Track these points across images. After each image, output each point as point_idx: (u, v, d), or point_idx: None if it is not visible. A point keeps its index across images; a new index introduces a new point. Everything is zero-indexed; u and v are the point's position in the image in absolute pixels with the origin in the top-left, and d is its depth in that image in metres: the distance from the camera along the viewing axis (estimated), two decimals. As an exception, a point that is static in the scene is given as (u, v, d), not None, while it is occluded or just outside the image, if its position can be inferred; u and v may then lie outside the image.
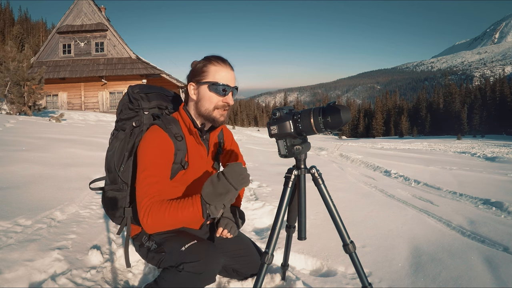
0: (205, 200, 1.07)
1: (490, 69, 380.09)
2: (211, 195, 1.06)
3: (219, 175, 1.07)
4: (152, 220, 1.10)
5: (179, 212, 1.08)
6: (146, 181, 1.16)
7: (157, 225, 1.11)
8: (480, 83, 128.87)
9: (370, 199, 3.40)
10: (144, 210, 1.11)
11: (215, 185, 1.06)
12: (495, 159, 9.43)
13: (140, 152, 1.22)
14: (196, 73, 1.28)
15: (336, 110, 1.02)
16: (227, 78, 1.27)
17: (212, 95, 1.26)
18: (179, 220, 1.09)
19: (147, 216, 1.10)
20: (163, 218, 1.09)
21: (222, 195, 1.06)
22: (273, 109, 1.15)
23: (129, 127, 1.36)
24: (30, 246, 1.74)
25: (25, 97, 11.29)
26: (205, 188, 1.07)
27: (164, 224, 1.10)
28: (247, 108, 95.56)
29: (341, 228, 1.20)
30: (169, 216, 1.09)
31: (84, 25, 19.43)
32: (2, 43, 30.03)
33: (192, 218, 1.09)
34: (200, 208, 1.07)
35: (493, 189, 4.11)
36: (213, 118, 1.28)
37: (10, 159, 3.90)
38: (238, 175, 1.06)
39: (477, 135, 51.19)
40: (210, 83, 1.25)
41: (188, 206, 1.08)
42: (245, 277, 1.57)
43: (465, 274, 1.71)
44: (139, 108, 1.36)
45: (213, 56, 1.30)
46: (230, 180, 1.05)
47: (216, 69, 1.26)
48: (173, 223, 1.10)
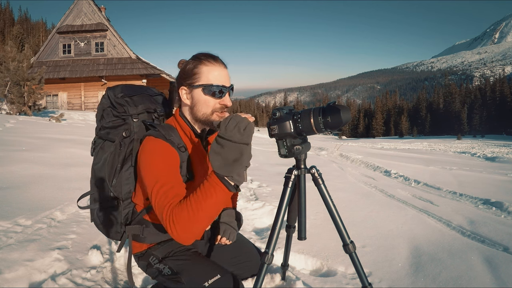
0: (222, 174, 0.92)
1: (490, 69, 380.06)
2: (225, 166, 0.91)
3: (218, 140, 0.92)
4: (180, 227, 0.94)
5: (203, 202, 0.93)
6: (161, 190, 1.02)
7: (189, 229, 0.95)
8: (480, 83, 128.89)
9: (370, 199, 3.40)
10: (168, 221, 0.96)
11: (222, 153, 0.91)
12: (495, 159, 9.44)
13: (145, 166, 1.08)
14: (186, 76, 1.17)
15: (336, 110, 1.02)
16: (221, 77, 1.17)
17: (207, 99, 1.15)
18: (208, 210, 0.94)
19: (173, 225, 0.95)
20: (191, 219, 0.94)
21: (237, 161, 0.90)
22: (273, 109, 1.14)
23: (119, 137, 1.22)
24: (30, 246, 1.74)
25: (25, 97, 11.29)
26: (214, 162, 0.92)
27: (196, 224, 0.95)
28: (247, 108, 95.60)
29: (341, 228, 1.20)
30: (196, 212, 0.93)
31: (84, 25, 19.41)
32: (2, 43, 30.05)
33: (220, 199, 0.94)
34: (223, 185, 0.93)
35: (493, 189, 4.11)
36: (211, 122, 1.18)
37: (10, 159, 3.90)
38: (238, 128, 0.91)
39: (477, 135, 51.20)
40: (203, 86, 1.14)
41: (210, 192, 0.93)
42: (245, 277, 1.57)
43: (465, 274, 1.71)
44: (126, 114, 1.22)
45: (202, 55, 1.18)
46: (234, 139, 0.90)
47: (209, 69, 1.15)
48: (205, 216, 0.95)
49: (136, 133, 1.22)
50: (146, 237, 1.24)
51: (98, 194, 1.28)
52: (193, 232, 0.96)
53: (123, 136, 1.22)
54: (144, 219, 1.23)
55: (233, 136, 0.90)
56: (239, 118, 0.92)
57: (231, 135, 0.90)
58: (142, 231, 1.23)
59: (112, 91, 1.26)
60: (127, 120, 1.22)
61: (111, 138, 1.23)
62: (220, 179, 0.93)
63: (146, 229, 1.23)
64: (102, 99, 1.29)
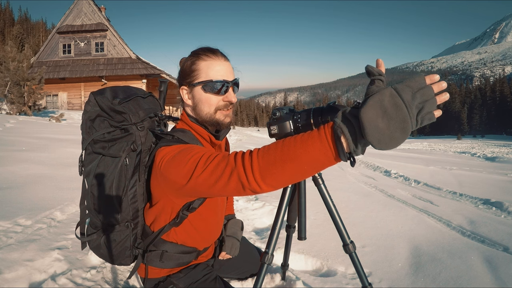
0: (368, 133, 0.62)
1: (490, 69, 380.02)
2: (381, 133, 0.61)
3: (396, 100, 0.61)
4: (261, 169, 0.73)
5: (299, 152, 0.69)
6: (212, 156, 0.83)
7: (270, 175, 0.72)
8: (480, 83, 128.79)
9: (370, 199, 3.39)
10: (242, 161, 0.76)
11: (393, 118, 0.61)
12: (495, 159, 9.43)
13: (176, 164, 0.89)
14: (185, 74, 1.07)
15: (336, 110, 1.01)
16: (223, 71, 1.05)
17: (209, 97, 1.05)
18: (299, 164, 0.69)
19: (249, 165, 0.74)
20: (277, 164, 0.71)
21: (395, 138, 0.61)
22: (273, 109, 1.14)
23: (126, 151, 1.03)
24: (30, 246, 1.74)
25: (25, 97, 11.29)
26: (368, 113, 0.61)
27: (279, 171, 0.71)
28: (247, 108, 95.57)
29: (341, 228, 1.20)
30: (286, 158, 0.70)
31: (84, 25, 19.41)
32: (2, 43, 30.03)
33: (319, 159, 0.68)
34: (334, 146, 0.66)
35: (493, 189, 4.11)
36: (216, 121, 1.07)
37: (10, 159, 3.90)
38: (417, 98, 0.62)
39: (477, 135, 51.22)
40: (203, 82, 1.04)
41: (314, 144, 0.68)
42: (245, 277, 1.57)
43: (465, 274, 1.71)
44: (128, 124, 1.04)
45: (200, 49, 1.07)
46: (412, 110, 0.61)
47: (207, 64, 1.05)
48: (292, 170, 0.71)
49: (143, 144, 1.05)
50: (165, 261, 1.13)
51: (99, 219, 1.10)
52: (273, 180, 0.73)
53: (131, 149, 1.04)
54: (163, 240, 1.12)
55: (412, 105, 0.61)
56: (429, 90, 0.63)
57: (411, 102, 0.61)
58: (161, 256, 1.12)
59: (101, 97, 1.07)
60: (130, 130, 1.04)
61: (113, 153, 1.04)
62: (335, 139, 0.66)
63: (166, 254, 1.12)
64: (87, 107, 1.09)
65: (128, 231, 1.09)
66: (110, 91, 1.11)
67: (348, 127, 0.65)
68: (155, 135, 1.07)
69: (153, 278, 1.17)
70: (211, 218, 1.17)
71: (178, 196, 0.98)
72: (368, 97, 0.64)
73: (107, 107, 1.05)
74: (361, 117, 0.62)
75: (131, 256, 1.13)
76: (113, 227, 1.09)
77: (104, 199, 1.07)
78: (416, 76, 0.63)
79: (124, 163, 1.04)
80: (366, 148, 0.67)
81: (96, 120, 1.07)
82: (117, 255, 1.12)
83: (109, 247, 1.11)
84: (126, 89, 1.17)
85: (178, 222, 1.07)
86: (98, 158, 1.07)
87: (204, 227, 1.16)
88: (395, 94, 0.62)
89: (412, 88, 0.62)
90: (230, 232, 1.38)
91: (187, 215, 1.06)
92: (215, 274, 1.24)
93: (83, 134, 1.12)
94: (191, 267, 1.20)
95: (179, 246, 1.13)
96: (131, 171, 1.05)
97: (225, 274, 1.50)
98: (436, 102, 0.63)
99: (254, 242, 2.12)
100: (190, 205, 1.04)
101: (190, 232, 1.13)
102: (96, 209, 1.09)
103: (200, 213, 1.09)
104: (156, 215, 1.09)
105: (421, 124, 0.63)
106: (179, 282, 1.15)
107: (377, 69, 0.67)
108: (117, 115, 1.05)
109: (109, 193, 1.06)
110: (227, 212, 1.47)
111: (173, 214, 1.07)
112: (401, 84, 0.63)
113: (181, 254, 1.14)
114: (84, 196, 1.12)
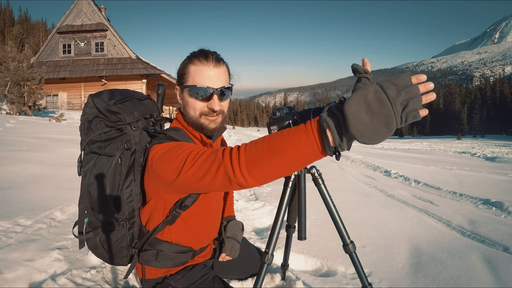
0: (351, 126, 0.63)
1: (490, 69, 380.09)
2: (365, 126, 0.63)
3: (380, 95, 0.63)
4: (247, 163, 0.74)
5: (285, 145, 0.70)
6: (200, 152, 0.85)
7: (256, 168, 0.73)
8: (480, 83, 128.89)
9: (370, 199, 3.40)
10: (229, 155, 0.77)
11: (378, 113, 0.62)
12: (495, 159, 9.43)
13: (166, 160, 0.91)
14: (179, 76, 1.10)
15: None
16: (209, 78, 1.04)
17: (193, 101, 1.05)
18: (285, 158, 0.70)
19: (236, 159, 0.75)
20: (263, 157, 0.72)
21: (378, 132, 0.63)
22: (273, 109, 1.14)
23: (120, 150, 1.06)
24: (30, 246, 1.74)
25: (25, 97, 11.29)
26: (352, 106, 0.63)
27: (265, 164, 0.72)
28: (247, 108, 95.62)
29: (341, 228, 1.20)
30: (272, 152, 0.71)
31: (84, 25, 19.41)
32: (2, 43, 30.05)
33: (305, 154, 0.69)
34: (320, 140, 0.67)
35: (493, 189, 4.11)
36: (201, 125, 1.07)
37: (10, 159, 3.90)
38: (401, 95, 0.63)
39: (477, 135, 51.24)
40: (189, 87, 1.05)
41: (300, 138, 0.69)
42: (245, 277, 1.57)
43: (465, 274, 1.71)
44: (123, 123, 1.07)
45: (195, 52, 1.09)
46: (396, 107, 0.62)
47: (196, 69, 1.05)
48: (278, 163, 0.71)
49: (137, 143, 1.08)
50: (161, 261, 1.14)
51: (96, 218, 1.11)
52: (259, 173, 0.73)
53: (125, 148, 1.07)
54: (158, 239, 1.13)
55: (396, 101, 0.62)
56: (414, 89, 0.64)
57: (395, 98, 0.63)
58: (156, 256, 1.13)
59: (98, 98, 1.11)
60: (125, 129, 1.07)
61: (109, 152, 1.07)
62: (321, 132, 0.67)
63: (161, 253, 1.13)
64: (86, 109, 1.13)
65: (124, 230, 1.10)
66: (108, 93, 1.14)
67: (334, 121, 0.66)
68: (149, 134, 1.09)
69: (151, 278, 1.17)
70: (205, 217, 1.17)
71: (168, 192, 1.00)
72: (353, 92, 0.66)
73: (103, 108, 1.09)
74: (345, 110, 0.63)
75: (127, 256, 1.14)
76: (109, 226, 1.10)
77: (99, 198, 1.09)
78: (402, 75, 0.65)
79: (118, 162, 1.06)
80: (351, 143, 0.68)
81: (93, 121, 1.10)
82: (114, 254, 1.13)
83: (105, 246, 1.12)
84: (123, 92, 1.19)
85: (170, 220, 1.08)
86: (94, 157, 1.10)
87: (199, 226, 1.16)
88: (380, 90, 0.63)
89: (397, 86, 0.64)
90: (230, 233, 1.38)
91: (179, 213, 1.07)
92: (213, 274, 1.24)
93: (82, 135, 1.15)
94: (189, 268, 1.20)
95: (174, 246, 1.14)
96: (125, 170, 1.07)
97: (225, 274, 1.50)
98: (422, 101, 0.64)
99: (254, 242, 2.13)
100: (183, 203, 1.05)
101: (184, 231, 1.13)
102: (93, 207, 1.11)
103: (194, 211, 1.10)
104: (150, 213, 1.11)
105: (405, 121, 0.65)
106: (177, 284, 1.15)
107: (363, 67, 0.69)
108: (112, 115, 1.08)
109: (104, 191, 1.08)
110: (227, 214, 1.46)
111: (166, 212, 1.08)
112: (386, 82, 0.65)
113: (176, 254, 1.15)
114: (83, 196, 1.14)
